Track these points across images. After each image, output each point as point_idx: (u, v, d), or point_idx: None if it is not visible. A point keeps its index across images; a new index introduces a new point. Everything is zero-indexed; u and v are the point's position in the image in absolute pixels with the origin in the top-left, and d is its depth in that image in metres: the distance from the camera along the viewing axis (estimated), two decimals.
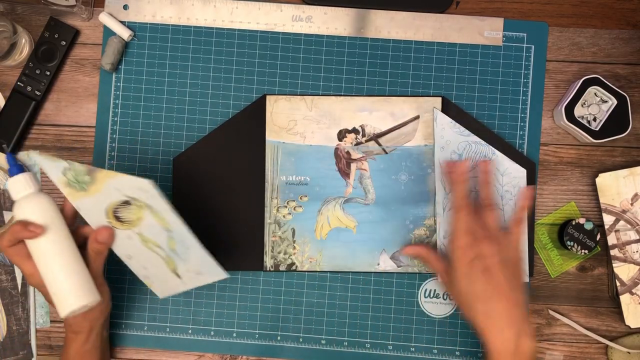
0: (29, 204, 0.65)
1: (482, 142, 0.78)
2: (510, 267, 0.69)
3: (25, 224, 0.63)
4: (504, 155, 0.78)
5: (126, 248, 0.70)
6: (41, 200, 0.65)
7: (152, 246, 0.69)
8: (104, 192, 0.65)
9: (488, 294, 0.68)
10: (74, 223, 0.69)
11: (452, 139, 0.78)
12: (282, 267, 0.79)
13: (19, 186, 0.65)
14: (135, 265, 0.72)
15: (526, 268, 0.78)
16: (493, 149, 0.78)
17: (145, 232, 0.68)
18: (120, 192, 0.65)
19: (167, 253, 0.69)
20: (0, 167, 0.80)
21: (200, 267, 0.70)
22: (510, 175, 0.78)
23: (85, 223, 0.69)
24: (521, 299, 0.68)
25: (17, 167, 0.65)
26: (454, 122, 0.78)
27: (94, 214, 0.68)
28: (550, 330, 0.80)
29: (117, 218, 0.67)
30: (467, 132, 0.78)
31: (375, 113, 0.80)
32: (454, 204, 0.72)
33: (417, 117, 0.80)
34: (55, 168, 0.65)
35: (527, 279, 0.78)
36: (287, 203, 0.79)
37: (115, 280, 0.80)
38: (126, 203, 0.66)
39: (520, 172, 0.78)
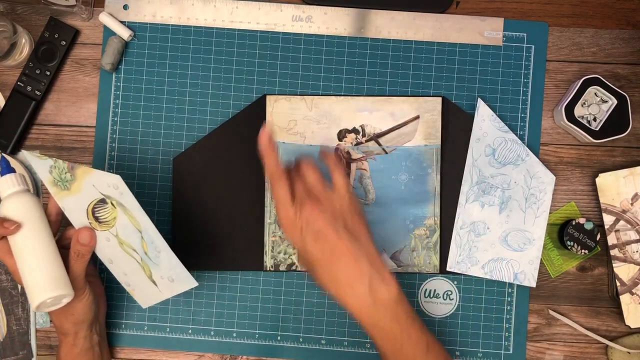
0: (11, 202, 0.66)
1: (519, 141, 0.78)
2: (341, 220, 0.64)
3: (1, 220, 0.65)
4: (537, 159, 0.78)
5: (106, 252, 0.70)
6: (23, 198, 0.67)
7: (128, 249, 0.69)
8: (83, 191, 0.66)
9: (326, 257, 0.63)
10: (59, 222, 0.69)
11: (489, 132, 0.78)
12: (282, 267, 0.79)
13: (6, 185, 0.67)
14: (116, 271, 0.72)
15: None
16: (527, 150, 0.78)
17: (120, 233, 0.68)
18: (97, 190, 0.66)
19: (141, 257, 0.69)
20: None
21: (172, 274, 0.69)
22: (539, 180, 0.78)
23: (70, 224, 0.69)
24: (365, 247, 0.64)
25: (7, 168, 0.67)
26: (495, 115, 0.78)
27: (77, 214, 0.68)
28: (550, 330, 0.80)
29: (96, 219, 0.68)
30: (506, 127, 0.78)
31: (375, 113, 0.80)
32: (269, 177, 0.67)
33: (417, 117, 0.80)
34: (42, 166, 0.66)
35: (367, 227, 0.69)
36: None
37: (115, 280, 0.80)
38: (102, 202, 0.67)
39: (549, 178, 0.78)
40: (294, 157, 0.79)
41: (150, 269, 0.69)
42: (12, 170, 0.67)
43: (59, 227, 0.70)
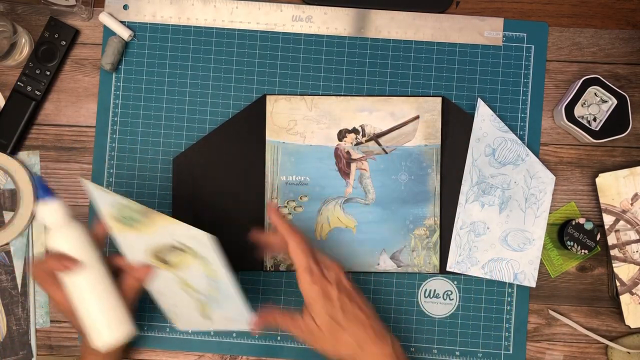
0: (63, 235, 0.63)
1: (518, 141, 0.78)
2: (353, 299, 0.66)
3: (59, 257, 0.62)
4: (537, 159, 0.78)
5: (161, 286, 0.69)
6: (75, 231, 0.63)
7: (191, 291, 0.67)
8: (154, 235, 0.64)
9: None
10: (104, 245, 0.68)
11: (490, 132, 0.78)
12: (282, 267, 0.79)
13: (52, 214, 0.63)
14: (164, 301, 0.71)
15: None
16: (527, 150, 0.78)
17: (188, 277, 0.66)
18: (173, 237, 0.63)
19: (204, 298, 0.67)
20: (0, 168, 0.80)
21: (234, 315, 0.68)
22: (539, 180, 0.78)
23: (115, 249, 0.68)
24: (366, 318, 0.66)
25: (47, 192, 0.63)
26: (495, 115, 0.78)
27: (134, 249, 0.67)
28: (550, 330, 0.80)
29: (161, 259, 0.66)
30: (505, 128, 0.79)
31: (375, 113, 0.80)
32: (290, 241, 0.66)
33: (417, 117, 0.80)
34: (106, 199, 0.64)
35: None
36: (287, 203, 0.79)
37: None
38: (174, 247, 0.64)
39: (549, 178, 0.78)
40: (294, 157, 0.79)
41: (210, 309, 0.68)
42: (52, 194, 0.63)
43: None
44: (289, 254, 0.66)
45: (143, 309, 0.79)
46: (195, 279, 0.66)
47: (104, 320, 0.64)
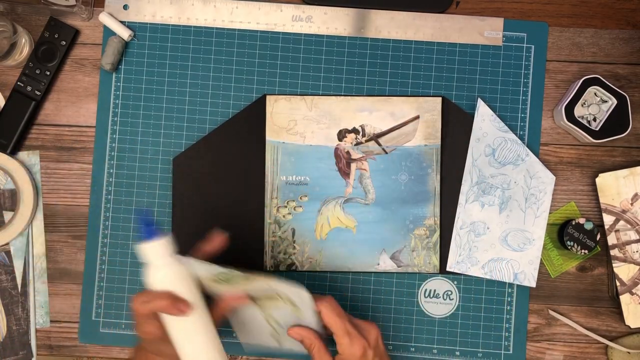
0: (170, 274, 0.60)
1: (518, 141, 0.78)
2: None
3: (172, 299, 0.59)
4: (537, 159, 0.78)
5: (243, 314, 0.68)
6: (182, 273, 0.60)
7: (272, 322, 0.67)
8: (252, 290, 0.63)
9: None
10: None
11: (489, 132, 0.78)
12: (282, 267, 0.79)
13: (159, 252, 0.60)
14: (237, 324, 0.69)
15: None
16: (527, 150, 0.78)
17: (274, 313, 0.66)
18: (271, 289, 0.63)
19: (282, 329, 0.67)
20: (0, 168, 0.80)
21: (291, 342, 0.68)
22: (539, 180, 0.78)
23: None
24: None
25: (154, 229, 0.60)
26: (494, 115, 0.78)
27: (228, 294, 0.65)
28: (550, 330, 0.80)
29: (252, 298, 0.65)
30: (505, 127, 0.79)
31: (375, 113, 0.80)
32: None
33: (417, 117, 0.80)
34: (209, 271, 0.62)
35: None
36: (287, 203, 0.79)
37: (116, 280, 0.80)
38: (268, 294, 0.64)
39: (549, 179, 0.78)
40: (294, 157, 0.79)
41: (284, 337, 0.68)
42: (157, 231, 0.60)
43: None
44: (323, 319, 0.65)
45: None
46: (281, 316, 0.66)
47: None
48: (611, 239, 0.79)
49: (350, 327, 0.65)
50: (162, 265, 0.60)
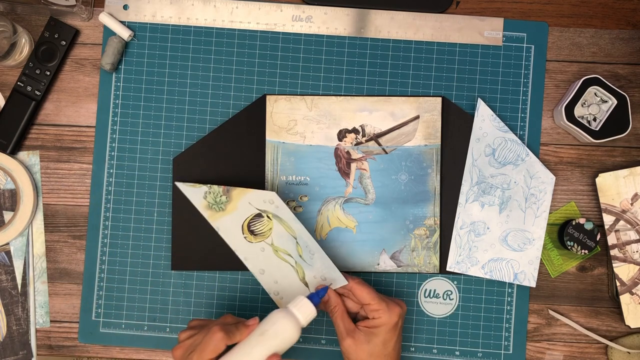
0: (283, 334, 0.66)
1: (518, 141, 0.78)
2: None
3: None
4: (537, 159, 0.78)
5: (259, 262, 0.75)
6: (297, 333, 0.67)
7: (283, 254, 0.74)
8: (239, 209, 0.73)
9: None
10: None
11: (489, 132, 0.78)
12: None
13: (304, 311, 0.67)
14: (267, 280, 0.75)
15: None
16: (527, 150, 0.78)
17: (276, 241, 0.73)
18: (253, 206, 0.72)
19: (296, 260, 0.73)
20: (0, 168, 0.80)
21: (325, 273, 0.73)
22: (538, 180, 0.78)
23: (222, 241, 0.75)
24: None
25: (319, 299, 0.69)
26: (494, 115, 0.79)
27: (232, 232, 0.74)
28: (550, 330, 0.80)
29: (252, 232, 0.74)
30: (505, 128, 0.79)
31: (375, 113, 0.80)
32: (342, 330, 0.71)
33: (417, 117, 0.80)
34: (196, 194, 0.73)
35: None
36: (287, 203, 0.79)
37: (116, 280, 0.80)
38: (258, 216, 0.73)
39: (549, 178, 0.78)
40: (294, 157, 0.79)
41: (304, 270, 0.73)
42: (317, 301, 0.69)
43: None
44: (354, 293, 0.70)
45: (143, 309, 0.79)
46: (281, 241, 0.73)
47: None
48: (611, 239, 0.79)
49: (384, 296, 0.70)
50: (294, 321, 0.66)
